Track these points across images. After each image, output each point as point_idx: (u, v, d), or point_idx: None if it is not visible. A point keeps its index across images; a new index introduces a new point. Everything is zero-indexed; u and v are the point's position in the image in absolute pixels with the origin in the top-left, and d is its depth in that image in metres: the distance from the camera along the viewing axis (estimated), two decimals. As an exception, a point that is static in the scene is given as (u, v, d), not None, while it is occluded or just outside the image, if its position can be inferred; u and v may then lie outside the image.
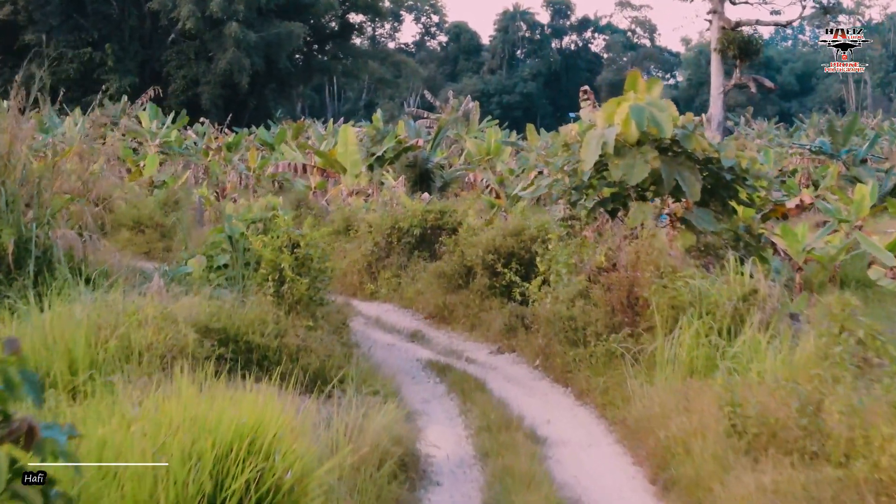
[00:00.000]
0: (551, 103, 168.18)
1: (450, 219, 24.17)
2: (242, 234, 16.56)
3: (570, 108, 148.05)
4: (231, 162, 54.67)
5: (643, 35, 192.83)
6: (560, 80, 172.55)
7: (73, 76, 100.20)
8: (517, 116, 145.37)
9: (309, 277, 15.16)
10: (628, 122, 16.87)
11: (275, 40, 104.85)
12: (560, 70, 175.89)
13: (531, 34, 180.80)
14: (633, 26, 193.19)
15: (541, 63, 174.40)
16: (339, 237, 26.53)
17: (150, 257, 29.82)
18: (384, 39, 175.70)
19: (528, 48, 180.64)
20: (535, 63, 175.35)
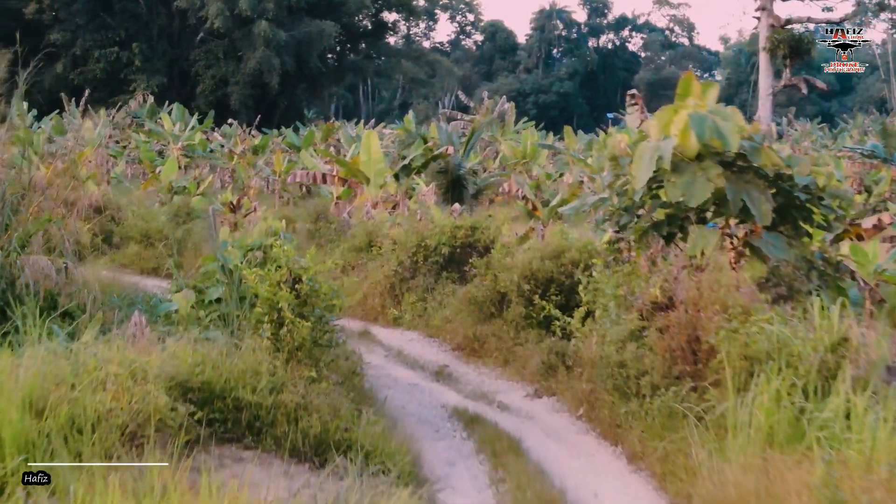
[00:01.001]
0: (588, 103, 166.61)
1: (482, 236, 21.86)
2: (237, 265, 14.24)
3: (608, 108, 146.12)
4: (255, 166, 52.57)
5: (681, 34, 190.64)
6: (597, 79, 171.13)
7: (99, 76, 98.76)
8: (553, 116, 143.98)
9: (313, 319, 12.86)
10: (687, 133, 14.46)
11: (305, 39, 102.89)
12: (597, 69, 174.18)
13: (568, 33, 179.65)
14: (672, 25, 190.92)
15: (577, 62, 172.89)
16: (360, 254, 24.31)
17: (158, 273, 27.69)
18: (419, 38, 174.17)
19: (565, 47, 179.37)
20: (572, 62, 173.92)
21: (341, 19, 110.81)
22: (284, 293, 12.66)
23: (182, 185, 43.96)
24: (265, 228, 15.74)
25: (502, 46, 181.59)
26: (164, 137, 60.77)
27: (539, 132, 78.32)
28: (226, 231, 15.92)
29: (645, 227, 15.16)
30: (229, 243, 15.23)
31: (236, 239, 15.40)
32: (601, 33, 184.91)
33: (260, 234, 15.47)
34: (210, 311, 14.29)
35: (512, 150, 56.79)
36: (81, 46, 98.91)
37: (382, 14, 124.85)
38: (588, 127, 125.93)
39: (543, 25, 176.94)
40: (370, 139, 28.88)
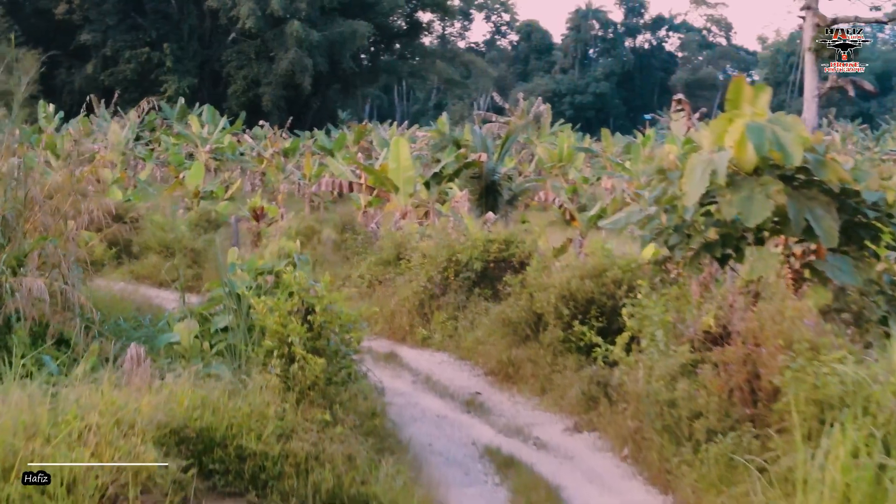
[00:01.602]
0: (624, 103, 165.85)
1: (516, 250, 20.46)
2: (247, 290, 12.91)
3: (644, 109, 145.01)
4: (284, 170, 51.36)
5: (719, 33, 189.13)
6: (633, 79, 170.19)
7: (130, 77, 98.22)
8: (589, 117, 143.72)
9: (327, 353, 11.52)
10: (744, 144, 13.05)
11: (338, 39, 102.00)
12: (633, 69, 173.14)
13: (604, 33, 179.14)
14: (709, 24, 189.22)
15: (614, 62, 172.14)
16: (388, 268, 22.94)
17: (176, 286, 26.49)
18: (454, 39, 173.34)
19: (601, 47, 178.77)
20: (608, 62, 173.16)
21: (375, 19, 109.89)
22: (295, 325, 11.34)
23: (209, 189, 42.83)
24: (278, 250, 14.33)
25: (538, 46, 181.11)
26: (192, 140, 59.58)
27: (575, 133, 76.89)
28: (233, 252, 14.48)
29: (696, 247, 13.74)
30: (238, 266, 13.86)
31: (246, 261, 14.03)
32: (638, 33, 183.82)
33: (272, 256, 14.10)
34: (217, 340, 12.97)
35: (548, 154, 55.55)
36: (112, 47, 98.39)
37: (417, 14, 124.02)
38: (624, 128, 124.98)
39: (579, 25, 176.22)
40: (399, 146, 27.48)
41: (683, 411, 11.94)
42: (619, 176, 46.22)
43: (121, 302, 19.40)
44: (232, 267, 13.77)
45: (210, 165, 58.27)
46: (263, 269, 13.66)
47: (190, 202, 40.72)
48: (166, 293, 25.86)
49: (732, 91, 14.05)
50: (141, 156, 60.76)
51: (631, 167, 45.13)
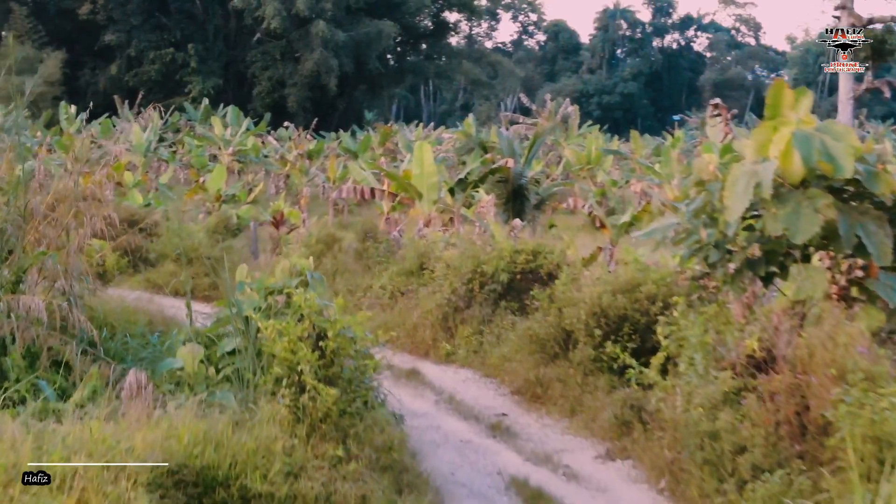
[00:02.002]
0: (652, 104, 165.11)
1: (544, 261, 19.54)
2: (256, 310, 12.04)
3: (672, 109, 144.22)
4: (307, 173, 50.56)
5: (747, 33, 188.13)
6: (661, 79, 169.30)
7: (154, 78, 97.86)
8: (617, 117, 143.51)
9: (340, 383, 10.65)
10: (790, 154, 12.09)
11: (364, 40, 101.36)
12: (661, 70, 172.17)
13: (632, 32, 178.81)
14: (737, 24, 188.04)
15: (642, 62, 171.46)
16: (411, 279, 22.04)
17: (194, 295, 25.61)
18: (481, 38, 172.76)
19: (629, 47, 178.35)
20: (636, 62, 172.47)
21: (401, 19, 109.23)
22: (305, 352, 10.47)
23: (231, 193, 42.12)
24: (290, 267, 13.43)
25: (565, 46, 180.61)
26: (215, 142, 58.85)
27: (603, 135, 75.97)
28: (243, 270, 13.60)
29: (738, 265, 12.80)
30: (247, 284, 12.98)
31: (255, 279, 13.14)
32: (666, 33, 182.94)
33: (284, 274, 13.19)
34: (224, 364, 12.10)
35: (576, 156, 54.67)
36: (136, 47, 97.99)
37: (444, 14, 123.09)
38: (652, 129, 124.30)
39: (607, 25, 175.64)
40: (423, 151, 26.55)
41: (726, 444, 11.05)
42: (649, 179, 45.21)
43: (133, 314, 18.67)
44: (241, 285, 12.89)
45: (233, 168, 57.67)
46: (274, 287, 12.75)
47: (211, 206, 40.02)
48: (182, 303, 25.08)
49: (772, 95, 13.11)
50: (164, 158, 60.16)
51: (661, 170, 44.08)
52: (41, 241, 14.14)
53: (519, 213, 32.82)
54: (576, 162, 54.63)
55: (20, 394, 11.20)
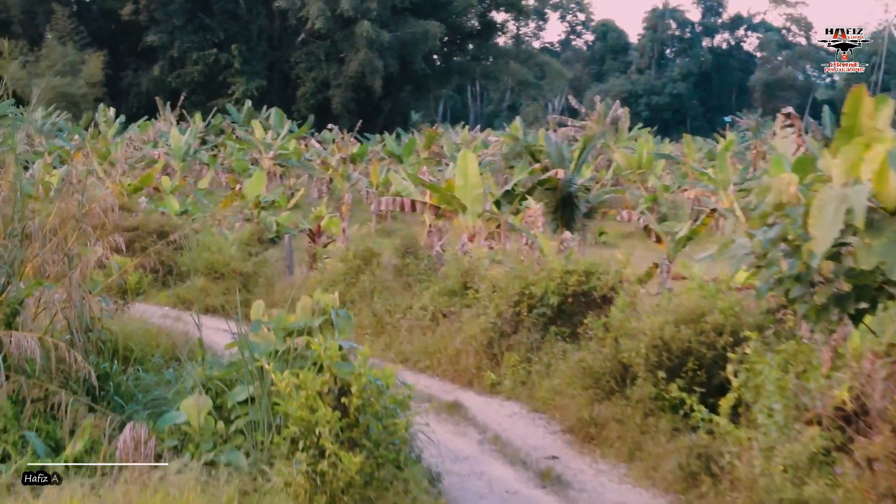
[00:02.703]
0: (702, 104, 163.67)
1: (598, 282, 17.94)
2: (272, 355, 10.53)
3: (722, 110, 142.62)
4: (349, 178, 49.21)
5: (798, 33, 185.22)
6: (711, 80, 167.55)
7: (197, 79, 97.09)
8: (666, 118, 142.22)
9: (366, 447, 9.14)
10: (885, 176, 10.47)
11: (410, 40, 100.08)
12: (711, 70, 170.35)
13: (681, 32, 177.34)
14: (788, 24, 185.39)
15: (691, 62, 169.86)
16: (453, 299, 20.45)
17: (225, 312, 24.26)
18: (528, 38, 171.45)
19: (678, 47, 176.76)
20: (685, 62, 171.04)
21: (447, 19, 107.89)
22: (325, 411, 8.96)
23: (271, 199, 40.85)
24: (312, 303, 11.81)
25: (613, 46, 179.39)
26: (256, 146, 57.57)
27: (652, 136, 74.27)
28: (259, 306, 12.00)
29: (824, 300, 11.18)
30: (263, 324, 11.43)
31: (273, 318, 11.57)
32: (715, 33, 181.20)
33: (304, 313, 11.60)
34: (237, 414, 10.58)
35: (626, 160, 53.05)
36: (179, 48, 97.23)
37: (490, 14, 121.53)
38: (702, 130, 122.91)
39: (656, 25, 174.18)
40: (467, 160, 24.89)
41: (818, 518, 9.47)
42: (704, 186, 43.57)
43: (155, 336, 17.32)
44: (256, 325, 11.34)
45: (275, 172, 56.54)
46: (293, 328, 11.19)
47: (250, 213, 38.75)
48: (213, 321, 23.70)
49: (850, 104, 11.46)
50: (205, 161, 59.05)
51: (715, 175, 42.38)
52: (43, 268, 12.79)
53: (568, 222, 31.36)
54: (626, 166, 53.05)
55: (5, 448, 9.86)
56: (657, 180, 51.87)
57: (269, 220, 39.25)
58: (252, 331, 11.22)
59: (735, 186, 41.42)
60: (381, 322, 20.95)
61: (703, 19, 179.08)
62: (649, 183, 51.82)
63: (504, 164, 51.23)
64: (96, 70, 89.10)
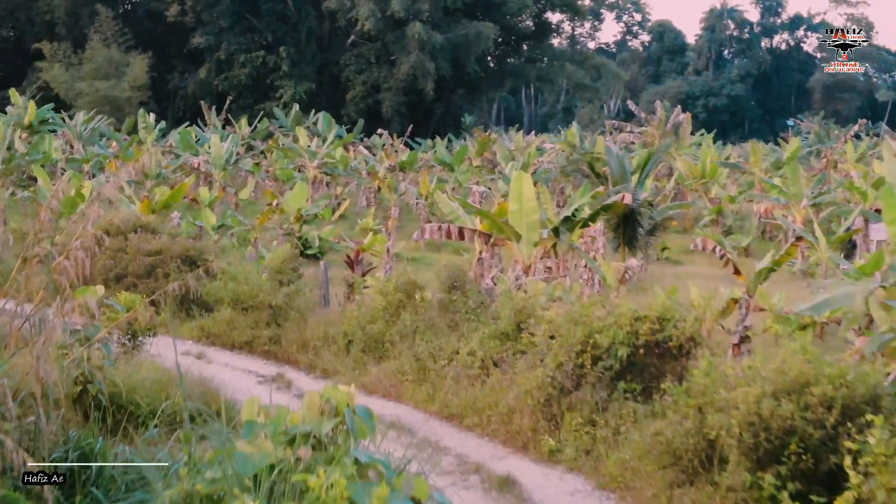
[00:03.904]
0: (760, 106, 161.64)
1: (674, 331, 15.33)
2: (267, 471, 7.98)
3: (782, 112, 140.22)
4: (396, 190, 46.92)
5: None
6: (770, 81, 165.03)
7: (244, 82, 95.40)
8: (723, 120, 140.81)
9: None
10: None
11: (462, 42, 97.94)
12: (770, 71, 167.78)
13: (739, 33, 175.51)
14: (849, 24, 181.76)
15: (749, 63, 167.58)
16: (506, 344, 17.86)
17: (252, 348, 21.99)
18: (583, 39, 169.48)
19: (736, 47, 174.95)
20: (744, 63, 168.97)
21: (501, 20, 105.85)
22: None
23: (313, 212, 38.64)
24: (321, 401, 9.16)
25: (670, 47, 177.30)
26: (300, 154, 55.34)
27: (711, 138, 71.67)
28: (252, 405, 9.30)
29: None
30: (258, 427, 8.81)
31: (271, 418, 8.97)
32: (774, 33, 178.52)
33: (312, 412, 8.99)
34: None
35: (689, 168, 50.45)
36: (226, 50, 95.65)
37: (545, 14, 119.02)
38: (760, 132, 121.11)
39: (714, 25, 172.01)
40: (521, 182, 22.19)
41: None
42: (775, 199, 40.80)
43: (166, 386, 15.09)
44: (248, 428, 8.70)
45: (320, 180, 54.47)
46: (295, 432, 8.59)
47: (290, 227, 36.58)
48: (239, 359, 21.50)
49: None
50: (249, 169, 56.96)
51: (786, 188, 39.58)
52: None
53: (630, 240, 28.94)
54: (689, 175, 50.41)
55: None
56: (721, 190, 49.30)
57: (311, 235, 37.05)
58: (243, 437, 8.65)
59: (808, 200, 38.77)
60: (423, 368, 18.39)
61: (761, 19, 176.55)
62: (712, 193, 49.27)
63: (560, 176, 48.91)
64: (141, 73, 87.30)
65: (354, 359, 20.06)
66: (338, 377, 19.52)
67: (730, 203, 46.55)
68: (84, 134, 60.73)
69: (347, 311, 21.29)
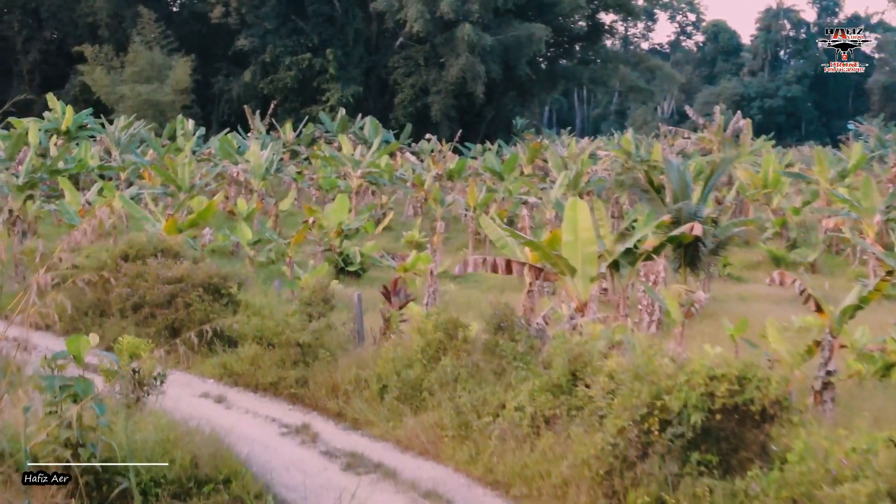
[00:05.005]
0: (817, 108, 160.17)
1: (756, 393, 13.02)
2: None
3: (839, 114, 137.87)
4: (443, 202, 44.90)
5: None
6: (827, 83, 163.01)
7: (290, 85, 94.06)
8: (780, 122, 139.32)
9: None
10: None
11: (513, 44, 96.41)
12: (827, 72, 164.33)
13: (795, 33, 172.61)
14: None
15: (806, 64, 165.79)
16: (559, 398, 15.48)
17: (277, 391, 19.85)
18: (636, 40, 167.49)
19: (793, 48, 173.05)
20: (800, 64, 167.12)
21: (553, 21, 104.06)
22: None
23: (355, 227, 36.67)
24: None
25: (725, 48, 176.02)
26: (343, 163, 53.34)
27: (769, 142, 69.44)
28: None
29: None
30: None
31: None
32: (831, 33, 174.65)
33: None
34: None
35: (750, 178, 48.20)
36: (271, 53, 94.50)
37: (598, 15, 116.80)
38: (817, 134, 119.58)
39: (770, 25, 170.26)
40: (576, 210, 19.70)
41: None
42: (846, 214, 38.24)
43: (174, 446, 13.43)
44: None
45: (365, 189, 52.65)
46: None
47: (330, 242, 34.62)
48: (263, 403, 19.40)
49: None
50: (292, 177, 55.10)
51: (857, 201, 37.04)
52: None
53: (693, 260, 26.79)
54: (750, 185, 48.09)
55: None
56: (785, 201, 46.98)
57: (352, 251, 35.17)
58: None
59: (881, 216, 36.33)
60: (466, 423, 16.01)
61: (818, 19, 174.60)
62: (774, 203, 46.94)
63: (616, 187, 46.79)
64: (184, 76, 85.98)
65: (389, 407, 17.68)
66: (369, 428, 17.43)
67: (794, 215, 44.21)
68: (122, 140, 58.97)
69: (382, 351, 18.98)
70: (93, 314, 24.29)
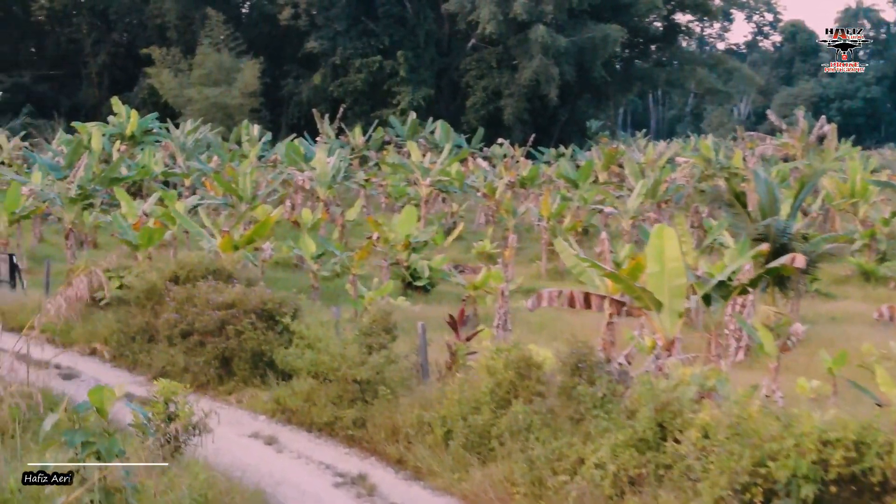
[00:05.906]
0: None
1: (877, 462, 11.19)
2: None
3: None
4: (515, 213, 43.33)
5: None
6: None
7: (360, 88, 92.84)
8: (859, 124, 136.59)
9: None
10: None
11: (588, 45, 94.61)
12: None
13: (875, 33, 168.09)
14: None
15: (886, 65, 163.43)
16: (645, 454, 13.63)
17: (333, 432, 18.19)
18: (712, 40, 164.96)
19: (872, 48, 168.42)
20: (880, 65, 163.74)
21: (629, 22, 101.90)
22: None
23: (423, 239, 35.17)
24: None
25: (803, 48, 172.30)
26: (412, 171, 51.82)
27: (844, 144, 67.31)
28: None
29: None
30: None
31: None
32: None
33: None
34: None
35: (837, 187, 46.08)
36: (341, 55, 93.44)
37: (675, 15, 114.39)
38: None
39: (849, 25, 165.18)
40: (663, 237, 17.77)
41: None
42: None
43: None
44: None
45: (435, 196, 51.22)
46: None
47: (396, 256, 33.13)
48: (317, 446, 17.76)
49: None
50: (360, 183, 53.66)
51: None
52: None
53: (781, 279, 24.76)
54: (837, 194, 45.94)
55: None
56: (874, 212, 44.83)
57: (420, 265, 33.67)
58: None
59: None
60: (539, 479, 14.19)
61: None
62: (861, 212, 44.83)
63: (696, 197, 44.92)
64: (252, 78, 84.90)
65: (454, 456, 15.84)
66: (432, 479, 15.68)
67: (883, 226, 42.07)
68: (188, 145, 57.58)
69: (448, 391, 17.15)
70: (140, 339, 22.97)
